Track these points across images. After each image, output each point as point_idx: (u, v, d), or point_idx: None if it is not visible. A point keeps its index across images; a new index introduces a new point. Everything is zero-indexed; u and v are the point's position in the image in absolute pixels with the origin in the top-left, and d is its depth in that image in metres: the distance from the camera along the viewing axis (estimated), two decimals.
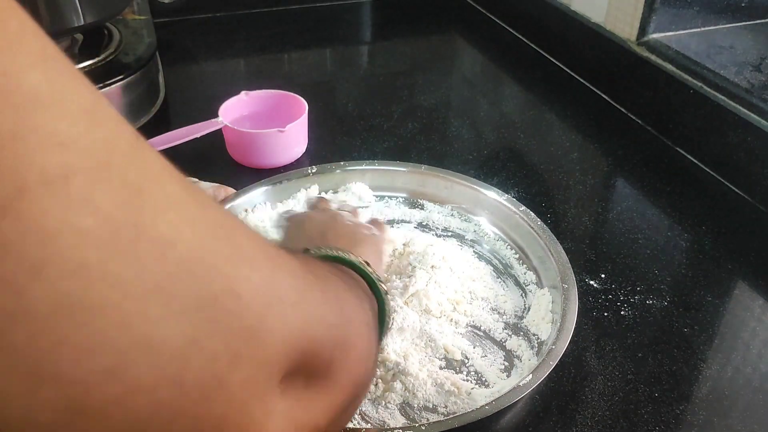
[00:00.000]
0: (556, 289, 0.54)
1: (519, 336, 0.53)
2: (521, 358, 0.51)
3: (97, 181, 0.15)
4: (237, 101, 0.76)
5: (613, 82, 0.89)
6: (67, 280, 0.14)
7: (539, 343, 0.52)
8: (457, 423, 0.42)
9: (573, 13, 0.94)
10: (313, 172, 0.66)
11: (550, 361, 0.46)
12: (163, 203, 0.17)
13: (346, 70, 1.03)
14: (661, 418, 0.48)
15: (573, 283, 0.52)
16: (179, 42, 1.06)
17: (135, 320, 0.15)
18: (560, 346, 0.47)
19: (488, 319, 0.54)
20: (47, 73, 0.15)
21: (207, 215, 0.18)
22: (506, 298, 0.57)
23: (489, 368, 0.51)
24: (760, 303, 0.58)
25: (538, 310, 0.54)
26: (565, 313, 0.50)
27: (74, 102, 0.16)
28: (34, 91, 0.15)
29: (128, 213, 0.16)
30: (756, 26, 0.86)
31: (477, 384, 0.49)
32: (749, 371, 0.51)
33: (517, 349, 0.52)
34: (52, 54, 0.16)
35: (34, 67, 0.15)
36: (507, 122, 0.86)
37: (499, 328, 0.54)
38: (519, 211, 0.61)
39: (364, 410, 0.47)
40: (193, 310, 0.17)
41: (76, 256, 0.15)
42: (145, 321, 0.16)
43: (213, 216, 0.18)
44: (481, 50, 1.08)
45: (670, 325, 0.55)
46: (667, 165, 0.77)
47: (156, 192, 0.17)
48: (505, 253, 0.61)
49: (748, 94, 0.71)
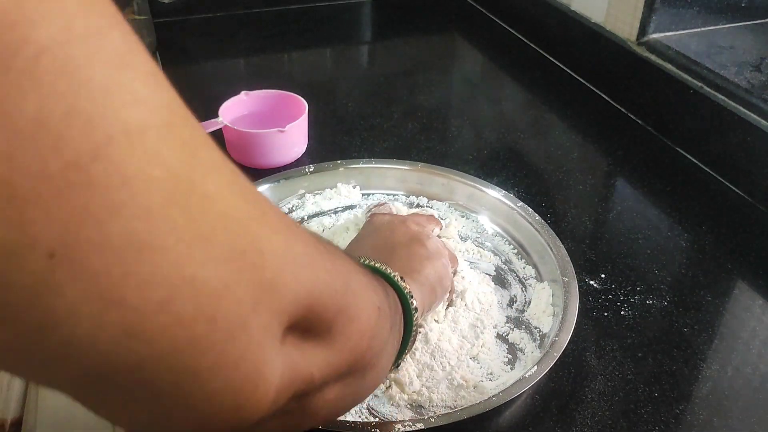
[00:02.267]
0: (556, 283, 0.54)
1: (521, 329, 0.54)
2: (524, 350, 0.52)
3: (164, 138, 0.17)
4: (237, 101, 0.76)
5: (613, 82, 0.89)
6: (137, 221, 0.16)
7: (541, 336, 0.52)
8: (466, 415, 0.42)
9: (573, 13, 0.94)
10: (311, 171, 0.66)
11: (554, 352, 0.46)
12: (209, 165, 0.19)
13: (346, 70, 1.03)
14: (661, 418, 0.48)
15: (573, 276, 0.53)
16: (179, 42, 1.06)
17: (185, 261, 0.17)
18: (563, 338, 0.48)
19: (489, 313, 0.55)
20: (124, 35, 0.17)
21: (240, 181, 0.21)
22: (506, 292, 0.57)
23: (493, 361, 0.51)
24: (760, 303, 0.58)
25: (538, 303, 0.55)
26: (566, 305, 0.51)
27: (144, 63, 0.18)
28: (118, 49, 0.17)
29: (186, 169, 0.18)
30: (756, 26, 0.86)
31: (482, 377, 0.50)
32: (749, 371, 0.51)
33: (519, 342, 0.53)
34: (120, 16, 0.17)
35: (115, 26, 0.17)
36: (507, 122, 0.86)
37: (501, 322, 0.54)
38: (517, 207, 0.61)
39: (371, 404, 0.47)
40: (227, 259, 0.19)
41: (145, 201, 0.17)
42: (192, 263, 0.18)
43: (244, 183, 0.21)
44: (481, 50, 1.08)
45: (670, 325, 0.55)
46: (667, 165, 0.77)
47: (205, 154, 0.19)
48: (504, 249, 0.61)
49: (748, 94, 0.71)
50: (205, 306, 0.18)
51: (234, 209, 0.19)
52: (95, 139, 0.16)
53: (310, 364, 0.24)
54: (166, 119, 0.18)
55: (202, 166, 0.18)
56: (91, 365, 0.17)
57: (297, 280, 0.22)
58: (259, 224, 0.20)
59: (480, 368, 0.50)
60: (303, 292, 0.22)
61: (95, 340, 0.17)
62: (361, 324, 0.27)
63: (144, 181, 0.16)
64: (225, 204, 0.19)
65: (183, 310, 0.18)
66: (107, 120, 0.16)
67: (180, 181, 0.17)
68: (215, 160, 0.19)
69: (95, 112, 0.16)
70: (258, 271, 0.20)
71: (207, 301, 0.18)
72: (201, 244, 0.18)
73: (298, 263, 0.22)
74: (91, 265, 0.16)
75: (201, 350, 0.18)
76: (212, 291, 0.18)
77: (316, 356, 0.24)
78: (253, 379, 0.20)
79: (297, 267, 0.22)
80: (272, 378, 0.21)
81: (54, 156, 0.15)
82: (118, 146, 0.16)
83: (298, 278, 0.22)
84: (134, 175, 0.16)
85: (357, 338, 0.26)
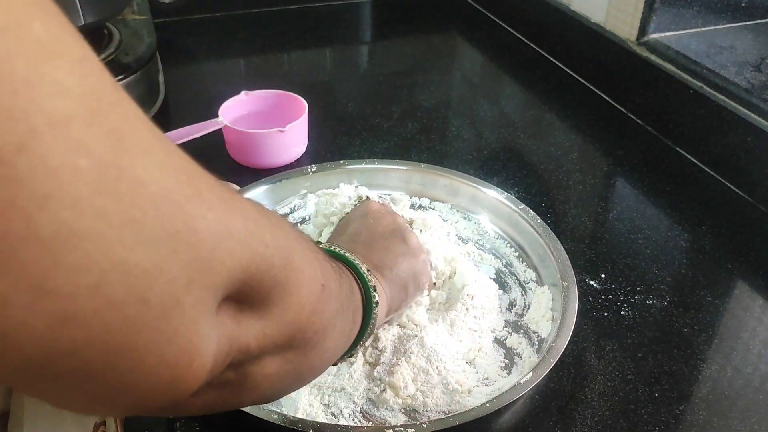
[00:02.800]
0: (555, 287, 0.54)
1: (519, 333, 0.53)
2: (521, 355, 0.51)
3: (90, 126, 0.17)
4: (237, 101, 0.76)
5: (613, 82, 0.89)
6: (65, 210, 0.17)
7: (539, 341, 0.52)
8: (458, 421, 0.42)
9: (573, 13, 0.94)
10: (312, 171, 0.66)
11: (551, 358, 0.46)
12: (138, 148, 0.19)
13: (346, 70, 1.03)
14: (661, 418, 0.48)
15: (573, 281, 0.53)
16: (179, 42, 1.06)
17: (114, 246, 0.18)
18: (560, 344, 0.47)
19: (488, 317, 0.54)
20: (47, 22, 0.17)
21: (173, 161, 0.21)
22: (506, 296, 0.57)
23: (489, 366, 0.51)
24: (760, 303, 0.58)
25: (538, 307, 0.54)
26: (565, 310, 0.50)
27: (70, 51, 0.18)
28: (40, 40, 0.17)
29: (113, 156, 0.18)
30: (756, 26, 0.86)
31: (478, 382, 0.49)
32: (749, 371, 0.51)
33: (517, 346, 0.52)
34: (46, 3, 0.18)
35: (36, 16, 0.17)
36: (507, 122, 0.86)
37: (499, 326, 0.54)
38: (519, 209, 0.61)
39: (365, 408, 0.47)
40: (159, 241, 0.19)
41: (72, 191, 0.17)
42: (122, 247, 0.18)
43: (178, 162, 0.21)
44: (481, 50, 1.08)
45: (670, 325, 0.55)
46: (667, 165, 0.77)
47: (133, 138, 0.19)
48: (505, 251, 0.61)
49: (748, 94, 0.71)
50: (136, 287, 0.19)
51: (166, 190, 0.20)
52: (19, 132, 0.16)
53: (246, 333, 0.25)
54: (92, 107, 0.18)
55: (130, 151, 0.19)
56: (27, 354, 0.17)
57: (232, 256, 0.22)
58: (194, 203, 0.21)
59: (476, 373, 0.50)
60: (238, 267, 0.22)
61: (29, 329, 0.17)
62: (301, 298, 0.27)
63: (70, 171, 0.17)
64: (156, 186, 0.19)
65: (114, 292, 0.18)
66: (30, 113, 0.16)
67: (107, 168, 0.18)
68: (146, 143, 0.20)
69: (17, 106, 0.16)
70: (192, 250, 0.20)
71: (138, 283, 0.19)
72: (131, 227, 0.18)
73: (235, 239, 0.22)
74: (20, 258, 0.16)
75: (134, 329, 0.19)
76: (143, 273, 0.19)
77: (252, 326, 0.25)
78: (188, 352, 0.21)
79: (233, 242, 0.22)
80: (207, 349, 0.22)
81: None
82: (41, 138, 0.16)
83: (233, 254, 0.22)
84: (60, 166, 0.16)
85: (295, 311, 0.27)
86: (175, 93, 0.90)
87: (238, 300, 0.24)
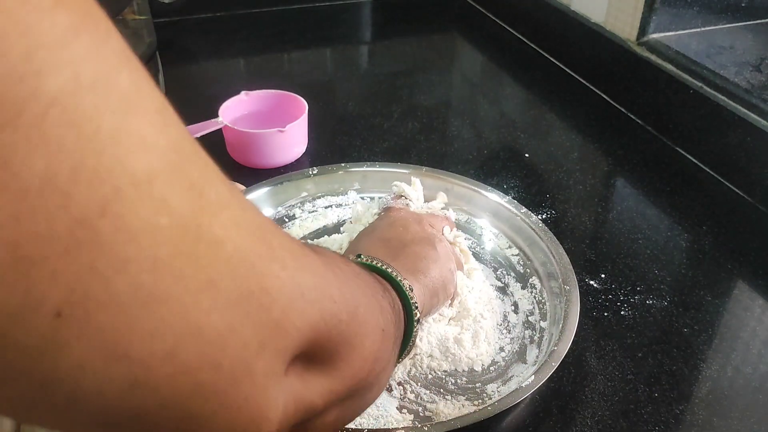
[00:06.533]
0: (557, 290, 0.54)
1: (520, 336, 0.53)
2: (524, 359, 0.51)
3: (172, 183, 0.17)
4: (237, 101, 0.76)
5: (613, 82, 0.89)
6: (145, 274, 0.16)
7: (540, 344, 0.52)
8: (460, 424, 0.42)
9: (573, 13, 0.94)
10: (314, 173, 0.66)
11: (552, 362, 0.46)
12: (216, 205, 0.18)
13: (346, 70, 1.03)
14: (661, 418, 0.48)
15: (575, 285, 0.52)
16: (179, 42, 1.06)
17: (190, 310, 0.17)
18: (562, 348, 0.47)
19: (490, 321, 0.54)
20: (131, 73, 0.16)
21: (248, 216, 0.20)
22: (508, 300, 0.57)
23: (490, 367, 0.51)
24: (760, 303, 0.58)
25: (538, 311, 0.54)
26: (566, 314, 0.50)
27: (151, 102, 0.17)
28: (126, 92, 0.16)
29: (193, 213, 0.17)
30: (756, 26, 0.86)
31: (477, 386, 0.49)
32: (749, 371, 0.51)
33: (518, 349, 0.52)
34: (129, 53, 0.17)
35: (122, 67, 0.16)
36: (507, 122, 0.86)
37: (500, 328, 0.54)
38: (521, 213, 0.61)
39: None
40: (234, 303, 0.18)
41: (152, 253, 0.16)
42: (198, 311, 0.17)
43: (252, 217, 0.20)
44: (481, 50, 1.08)
45: (670, 325, 0.55)
46: (667, 165, 0.77)
47: (212, 194, 0.18)
48: (507, 255, 0.61)
49: (748, 94, 0.71)
50: (209, 353, 0.18)
51: (241, 250, 0.19)
52: (103, 193, 0.15)
53: (312, 393, 0.24)
54: (173, 162, 0.17)
55: (209, 207, 0.18)
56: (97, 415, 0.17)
57: (303, 316, 0.21)
58: (267, 261, 0.20)
59: (477, 374, 0.50)
60: (308, 327, 0.22)
61: (101, 392, 0.16)
62: (365, 350, 0.26)
63: (151, 232, 0.16)
64: (232, 246, 0.19)
65: (188, 358, 0.17)
66: (114, 172, 0.15)
67: (187, 229, 0.17)
68: (224, 198, 0.19)
69: (102, 165, 0.15)
70: (265, 312, 0.20)
71: (212, 348, 0.18)
72: (207, 291, 0.18)
73: (306, 298, 0.22)
74: (97, 322, 0.16)
75: (205, 396, 0.18)
76: (218, 337, 0.18)
77: (319, 385, 0.24)
78: (256, 420, 0.20)
79: (304, 303, 0.21)
80: (275, 415, 0.21)
81: (61, 215, 0.14)
82: (125, 198, 0.15)
83: (304, 314, 0.22)
84: (141, 228, 0.16)
85: (360, 364, 0.26)
86: (175, 93, 0.90)
87: (306, 359, 0.23)
